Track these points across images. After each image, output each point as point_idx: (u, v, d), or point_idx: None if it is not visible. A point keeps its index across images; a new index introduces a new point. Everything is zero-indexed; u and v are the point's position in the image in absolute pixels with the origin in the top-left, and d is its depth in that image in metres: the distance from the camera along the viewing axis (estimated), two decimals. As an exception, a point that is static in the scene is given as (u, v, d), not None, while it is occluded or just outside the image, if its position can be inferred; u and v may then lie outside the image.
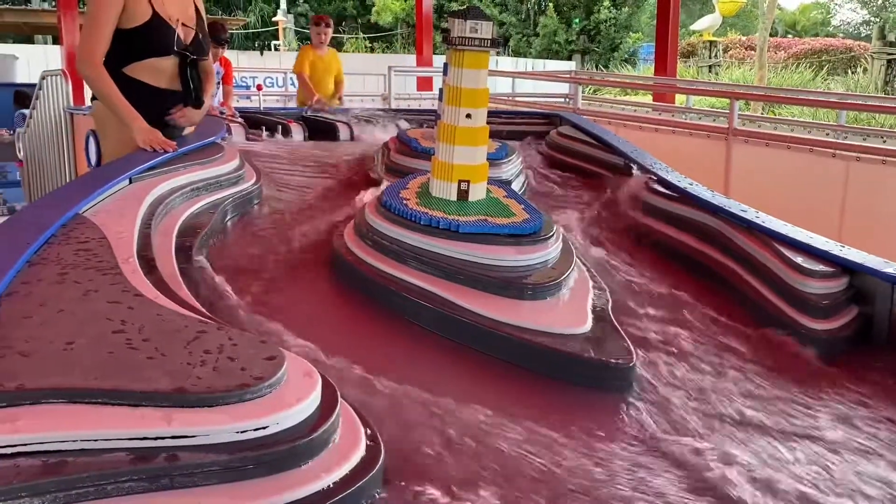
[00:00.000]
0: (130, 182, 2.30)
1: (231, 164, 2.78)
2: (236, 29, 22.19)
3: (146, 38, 2.75)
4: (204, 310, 1.55)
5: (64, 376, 1.09)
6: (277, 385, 1.14)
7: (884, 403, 1.82)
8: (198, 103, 2.92)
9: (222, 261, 2.17)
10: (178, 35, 2.80)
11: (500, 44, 2.23)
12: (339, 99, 6.15)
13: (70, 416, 1.03)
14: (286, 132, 4.26)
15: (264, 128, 4.26)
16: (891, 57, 15.71)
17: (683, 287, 2.37)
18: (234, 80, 6.19)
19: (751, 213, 2.51)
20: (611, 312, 1.95)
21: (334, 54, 5.77)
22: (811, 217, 3.92)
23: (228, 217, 2.54)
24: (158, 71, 2.81)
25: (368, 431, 1.22)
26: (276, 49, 19.85)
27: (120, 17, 2.67)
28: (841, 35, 27.91)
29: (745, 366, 1.96)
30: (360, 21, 26.71)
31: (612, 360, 1.71)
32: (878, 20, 27.27)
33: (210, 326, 1.31)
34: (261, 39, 23.50)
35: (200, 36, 2.91)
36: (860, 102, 8.52)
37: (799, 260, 2.21)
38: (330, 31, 5.73)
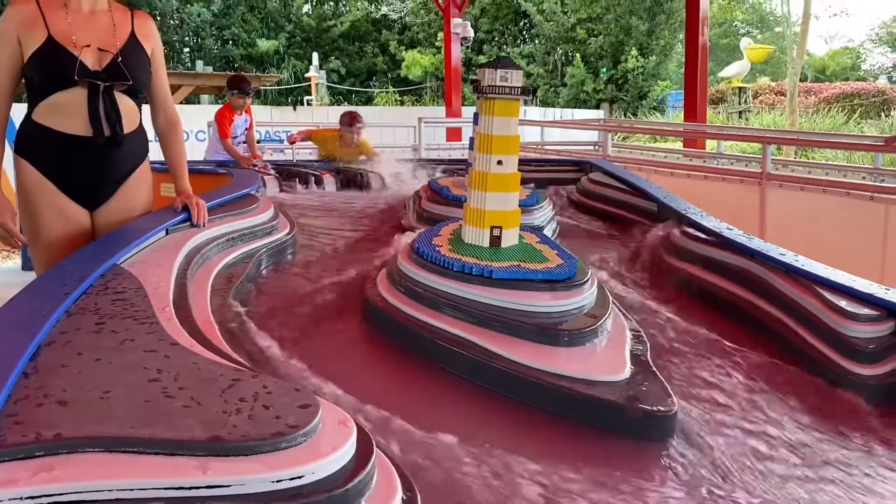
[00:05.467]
0: (167, 233, 2.33)
1: (266, 215, 2.81)
2: (270, 85, 22.75)
3: (38, 68, 2.25)
4: (239, 358, 1.55)
5: (100, 425, 1.08)
6: (313, 433, 1.12)
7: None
8: (113, 144, 2.34)
9: (257, 309, 2.18)
10: (80, 61, 2.25)
11: (530, 92, 2.25)
12: None
13: (106, 464, 1.02)
14: (319, 183, 4.33)
15: (298, 179, 4.33)
16: (925, 99, 15.55)
17: (723, 332, 2.32)
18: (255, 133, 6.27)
19: (790, 257, 2.47)
20: (649, 358, 1.91)
21: (364, 145, 5.30)
22: (852, 261, 3.84)
23: (263, 266, 2.56)
24: (60, 110, 2.28)
25: (404, 481, 1.19)
26: (308, 104, 20.29)
27: (23, 52, 2.25)
28: (872, 79, 27.76)
29: (790, 413, 1.90)
30: (389, 75, 27.26)
31: (653, 408, 1.67)
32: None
33: (245, 374, 1.30)
34: (294, 95, 24.07)
35: (122, 60, 2.32)
36: None
37: (842, 303, 2.15)
38: (363, 131, 5.24)
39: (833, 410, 1.94)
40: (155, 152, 2.57)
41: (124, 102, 2.37)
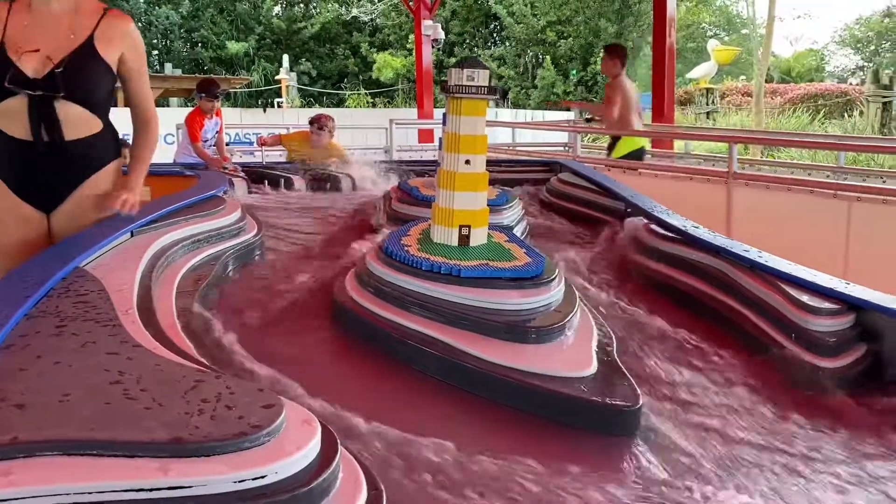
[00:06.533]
0: (132, 235, 2.31)
1: (232, 216, 2.79)
2: (240, 87, 22.60)
3: None
4: (203, 359, 1.53)
5: (59, 428, 1.07)
6: (276, 433, 1.11)
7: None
8: (54, 151, 2.32)
9: (223, 310, 2.16)
10: (15, 69, 2.22)
11: (497, 91, 2.26)
12: None
13: (65, 468, 1.01)
14: (289, 185, 4.31)
15: (267, 181, 4.31)
16: (886, 99, 15.90)
17: (688, 328, 2.34)
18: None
19: (753, 253, 2.50)
20: (616, 355, 1.93)
21: (335, 147, 5.24)
22: (815, 257, 3.90)
23: (230, 268, 2.54)
24: (7, 113, 2.27)
25: (370, 480, 1.19)
26: (278, 106, 20.17)
27: None
28: (836, 80, 28.31)
29: (754, 406, 1.93)
30: (361, 77, 27.19)
31: (619, 403, 1.68)
32: (871, 65, 27.71)
33: (208, 375, 1.29)
34: (264, 97, 23.91)
35: (65, 69, 2.26)
36: (858, 143, 8.56)
37: (804, 298, 2.19)
38: (327, 132, 5.17)
39: (796, 402, 1.97)
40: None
41: (70, 111, 2.32)
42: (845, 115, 18.19)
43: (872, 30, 30.88)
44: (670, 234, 2.87)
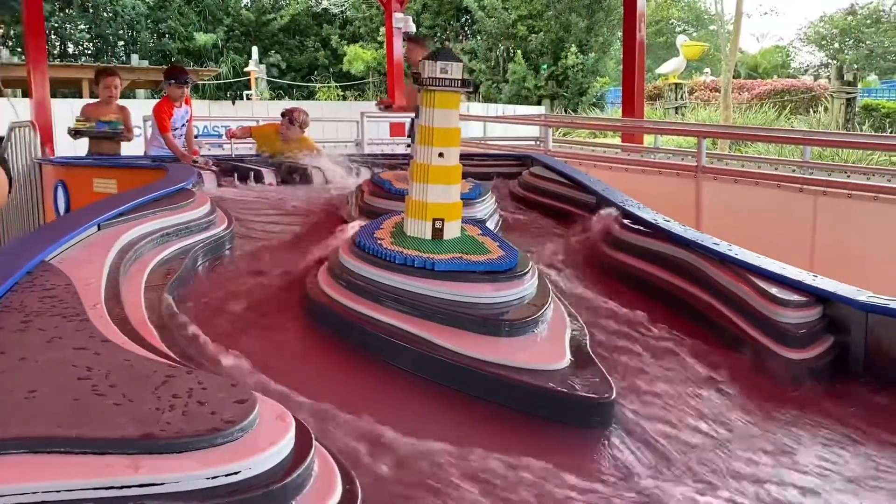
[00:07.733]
0: (99, 229, 2.26)
1: (202, 210, 2.75)
2: (208, 80, 22.30)
3: None
4: (173, 354, 1.50)
5: (25, 426, 1.04)
6: (249, 429, 1.10)
7: (864, 430, 1.82)
8: None
9: (193, 305, 2.13)
10: None
11: (470, 83, 2.25)
12: None
13: (31, 466, 0.98)
14: (259, 178, 4.26)
15: (237, 174, 4.25)
16: (849, 96, 16.18)
17: (660, 320, 2.36)
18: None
19: (723, 246, 2.53)
20: (589, 347, 1.93)
21: (306, 140, 5.17)
22: (782, 251, 3.96)
23: (200, 262, 2.50)
24: None
25: (345, 475, 1.18)
26: (248, 98, 19.92)
27: None
28: (802, 76, 28.76)
29: (724, 397, 1.95)
30: (331, 70, 26.97)
31: (592, 396, 1.69)
32: (835, 62, 28.21)
33: (179, 370, 1.27)
34: (233, 90, 23.60)
35: None
36: (823, 139, 8.70)
37: (773, 291, 2.22)
38: (297, 127, 5.10)
39: (765, 393, 2.00)
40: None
41: None
42: (810, 110, 18.48)
43: (836, 27, 31.42)
44: (642, 228, 2.89)
